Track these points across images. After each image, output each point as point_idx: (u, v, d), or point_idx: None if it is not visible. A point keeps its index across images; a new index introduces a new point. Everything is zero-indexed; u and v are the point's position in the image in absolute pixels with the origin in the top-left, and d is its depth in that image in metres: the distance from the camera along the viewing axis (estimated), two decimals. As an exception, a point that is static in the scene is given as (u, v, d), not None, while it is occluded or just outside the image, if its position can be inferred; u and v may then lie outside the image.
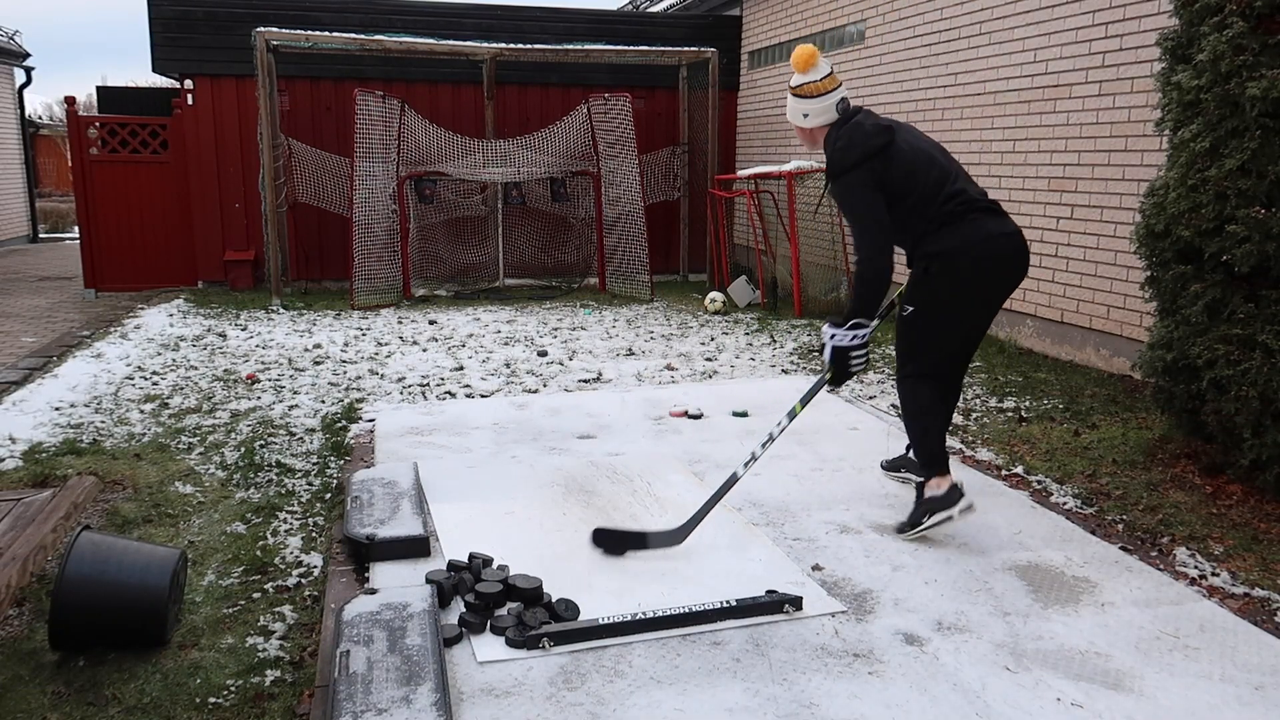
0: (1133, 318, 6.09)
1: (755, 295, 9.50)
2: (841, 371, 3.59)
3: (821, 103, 3.68)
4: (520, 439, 4.95)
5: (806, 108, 3.71)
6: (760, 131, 11.48)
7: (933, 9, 8.03)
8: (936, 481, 3.63)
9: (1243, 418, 3.89)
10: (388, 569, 3.38)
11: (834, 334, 3.57)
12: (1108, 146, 6.25)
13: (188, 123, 10.42)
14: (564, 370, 6.61)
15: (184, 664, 2.86)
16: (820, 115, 3.68)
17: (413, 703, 2.46)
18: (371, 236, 9.44)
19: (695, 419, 5.33)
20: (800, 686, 2.67)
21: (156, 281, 10.63)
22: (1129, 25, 6.04)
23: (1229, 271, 3.97)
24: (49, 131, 23.43)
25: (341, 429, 5.19)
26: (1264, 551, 3.56)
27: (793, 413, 3.72)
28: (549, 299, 9.89)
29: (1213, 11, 4.01)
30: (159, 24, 10.19)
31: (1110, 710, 2.57)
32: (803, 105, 3.72)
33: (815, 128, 3.72)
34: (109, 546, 2.98)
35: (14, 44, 15.88)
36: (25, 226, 17.06)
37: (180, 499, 4.18)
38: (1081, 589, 3.27)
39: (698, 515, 3.55)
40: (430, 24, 10.73)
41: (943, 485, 3.61)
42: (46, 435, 5.03)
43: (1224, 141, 3.93)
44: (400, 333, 8.01)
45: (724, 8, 12.43)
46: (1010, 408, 5.54)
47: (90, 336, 7.75)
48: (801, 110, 3.73)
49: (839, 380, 3.65)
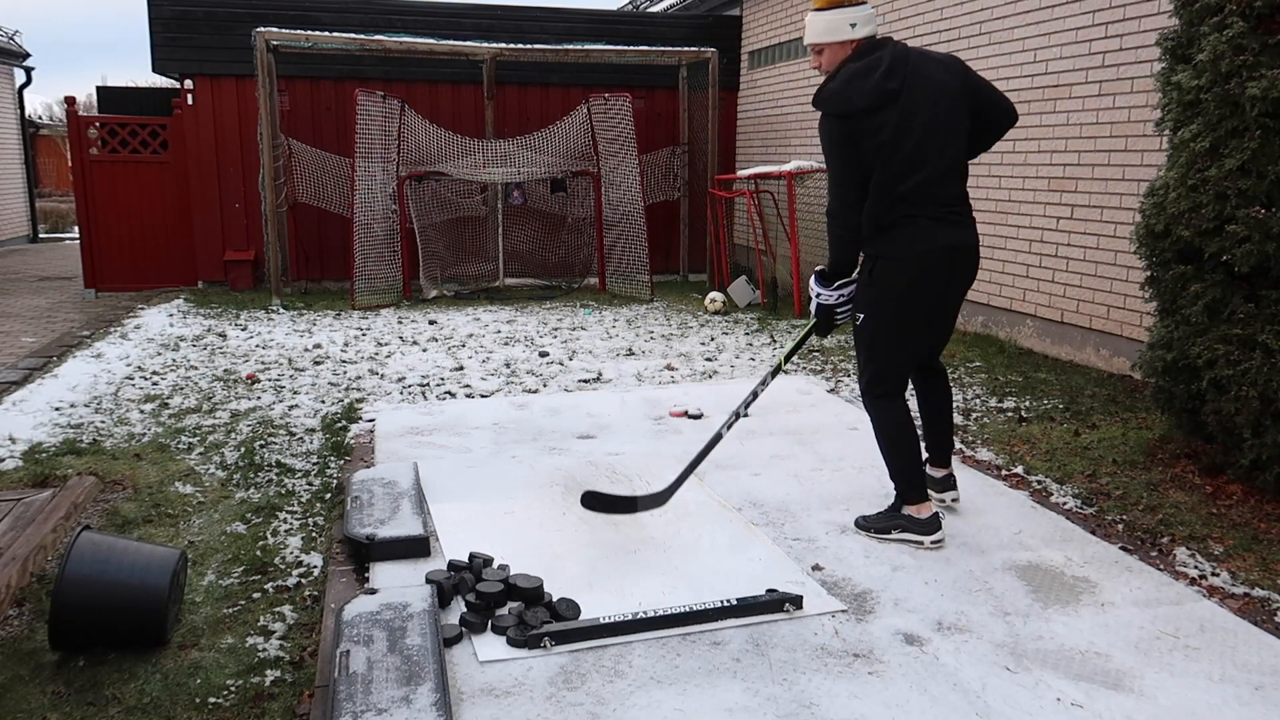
0: (1133, 318, 6.09)
1: (755, 295, 9.51)
2: (828, 325, 3.66)
3: (864, 12, 3.39)
4: (520, 439, 4.95)
5: (854, 15, 3.38)
6: (760, 131, 11.48)
7: (933, 9, 8.03)
8: (916, 507, 3.59)
9: (1243, 418, 3.89)
10: (388, 569, 3.38)
11: (820, 293, 3.59)
12: (1108, 146, 6.25)
13: (188, 123, 10.41)
14: (564, 370, 6.61)
15: (184, 664, 2.86)
16: (865, 26, 3.39)
17: (413, 703, 2.46)
18: (371, 236, 9.44)
19: (695, 419, 5.33)
20: (800, 686, 2.67)
21: (156, 281, 10.63)
22: (1129, 25, 6.04)
23: (1229, 271, 3.97)
24: (49, 131, 23.43)
25: (341, 429, 5.19)
26: (1264, 551, 3.56)
27: (777, 368, 3.81)
28: (549, 299, 9.89)
29: (1213, 11, 4.01)
30: (159, 24, 10.19)
31: (1110, 710, 2.57)
32: (848, 14, 3.37)
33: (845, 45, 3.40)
34: (109, 546, 2.98)
35: (14, 44, 15.88)
36: (25, 226, 17.07)
37: (180, 499, 4.18)
38: (1081, 589, 3.27)
39: (683, 474, 3.71)
40: (430, 24, 10.74)
41: (924, 510, 3.59)
42: (46, 435, 5.04)
43: (1224, 141, 3.93)
44: (400, 333, 8.01)
45: (724, 8, 12.43)
46: (1010, 408, 5.54)
47: (90, 336, 7.75)
48: (848, 20, 3.38)
49: (824, 333, 3.73)
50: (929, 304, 3.51)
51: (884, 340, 3.53)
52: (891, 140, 3.32)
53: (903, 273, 3.42)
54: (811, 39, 3.49)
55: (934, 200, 3.40)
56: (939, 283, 3.48)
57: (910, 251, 3.39)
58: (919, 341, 3.61)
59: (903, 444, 3.59)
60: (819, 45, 3.49)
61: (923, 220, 3.38)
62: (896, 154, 3.33)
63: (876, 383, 3.59)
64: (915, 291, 3.45)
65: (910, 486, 3.60)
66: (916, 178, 3.35)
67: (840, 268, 3.55)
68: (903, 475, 3.61)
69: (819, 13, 3.45)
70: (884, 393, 3.59)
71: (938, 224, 3.40)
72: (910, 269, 3.42)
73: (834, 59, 3.47)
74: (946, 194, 3.43)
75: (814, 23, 3.47)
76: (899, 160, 3.34)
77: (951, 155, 3.43)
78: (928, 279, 3.45)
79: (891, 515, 3.67)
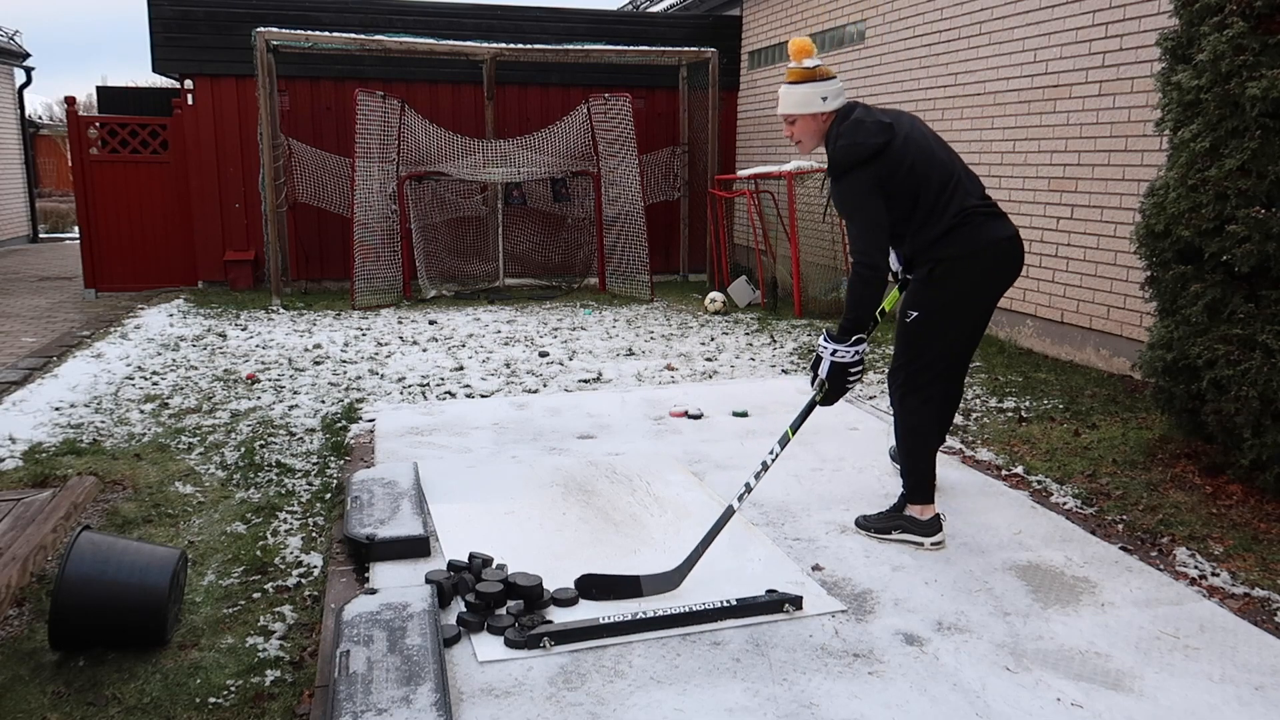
0: (1133, 318, 6.09)
1: (755, 295, 9.51)
2: (838, 389, 3.49)
3: (835, 86, 3.53)
4: (520, 439, 4.95)
5: (825, 90, 3.52)
6: (760, 131, 11.48)
7: (933, 9, 8.03)
8: (921, 508, 3.63)
9: (1243, 418, 3.89)
10: (388, 569, 3.38)
11: (835, 349, 3.41)
12: (1108, 146, 6.25)
13: (188, 123, 10.41)
14: (564, 370, 6.61)
15: (184, 664, 2.86)
16: (836, 99, 3.53)
17: (413, 703, 2.46)
18: (371, 236, 9.44)
19: (695, 419, 5.33)
20: (800, 686, 2.67)
21: (156, 281, 10.63)
22: (1129, 25, 6.04)
23: (1229, 271, 3.97)
24: (49, 131, 23.42)
25: (341, 429, 5.19)
26: (1264, 551, 3.56)
27: (785, 439, 3.58)
28: (549, 299, 9.89)
29: (1213, 11, 4.01)
30: (159, 24, 10.19)
31: (1110, 710, 2.57)
32: (820, 88, 3.52)
33: (817, 117, 3.54)
34: (109, 546, 2.98)
35: (14, 44, 15.88)
36: (25, 226, 17.06)
37: (180, 499, 4.18)
38: (1081, 589, 3.27)
39: (694, 555, 3.30)
40: (430, 24, 10.73)
41: (927, 512, 3.62)
42: (46, 435, 5.04)
43: (1224, 141, 3.93)
44: (400, 333, 8.01)
45: (724, 8, 12.43)
46: (1010, 408, 5.54)
47: (90, 336, 7.75)
48: (820, 94, 3.52)
49: (833, 399, 3.52)
50: (987, 298, 3.59)
51: (933, 337, 3.55)
52: (912, 158, 3.44)
53: (974, 266, 3.47)
54: (785, 110, 3.60)
55: (976, 197, 3.52)
56: (1005, 273, 3.57)
57: (978, 245, 3.45)
58: (964, 340, 3.67)
59: (926, 446, 3.63)
60: (791, 116, 3.61)
61: (978, 217, 3.48)
62: (929, 169, 3.45)
63: (913, 381, 3.60)
64: (983, 284, 3.53)
65: (920, 488, 3.62)
66: (954, 181, 3.47)
67: (860, 324, 3.43)
68: (916, 476, 3.62)
69: (793, 86, 3.56)
70: (918, 391, 3.60)
71: (990, 218, 3.51)
72: (984, 260, 3.48)
73: (805, 130, 3.61)
74: (978, 190, 3.56)
75: (788, 95, 3.58)
76: (934, 173, 3.45)
77: (957, 158, 3.59)
78: (997, 269, 3.53)
79: (893, 515, 3.68)
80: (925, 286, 3.53)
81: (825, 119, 3.57)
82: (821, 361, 3.46)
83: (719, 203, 10.11)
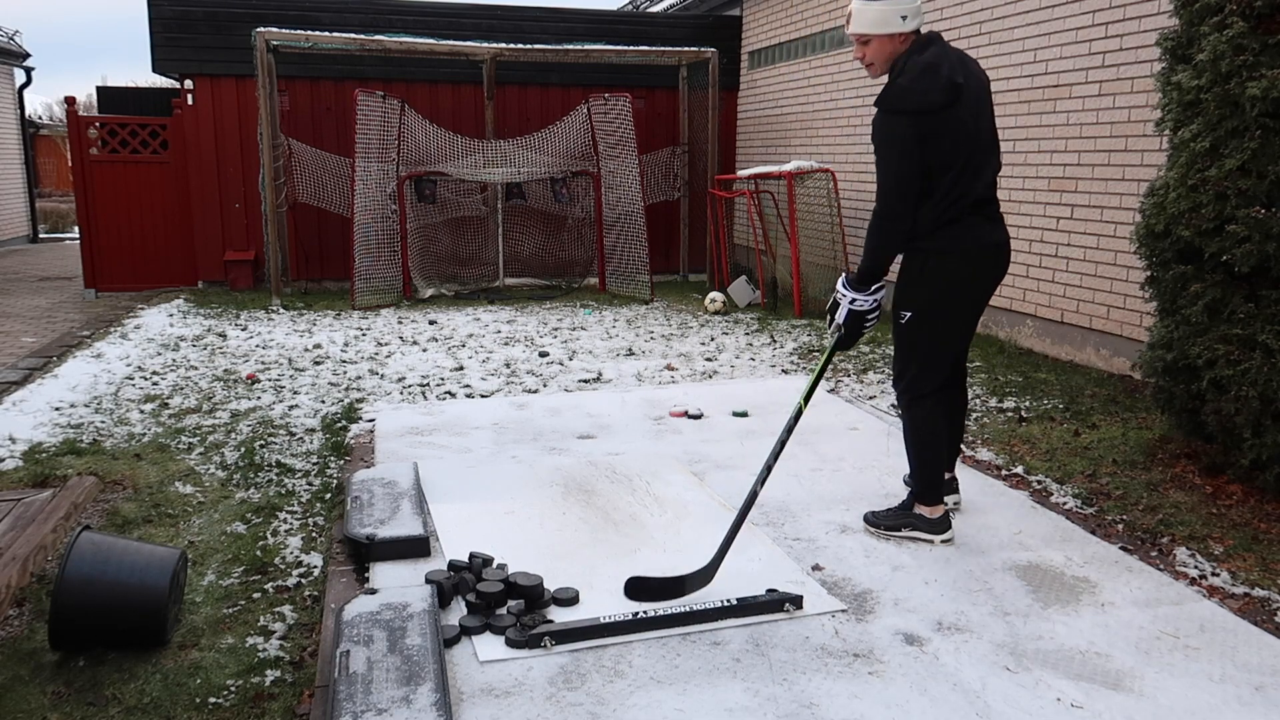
0: (1133, 318, 6.09)
1: (755, 295, 9.51)
2: (854, 334, 3.47)
3: (915, 3, 3.28)
4: (520, 439, 4.95)
5: (905, 7, 3.26)
6: (760, 131, 11.48)
7: (933, 9, 8.03)
8: (930, 508, 3.63)
9: (1243, 418, 3.89)
10: (388, 569, 3.38)
11: (854, 297, 3.38)
12: (1108, 146, 6.25)
13: (188, 123, 10.41)
14: (564, 370, 6.61)
15: (184, 664, 2.86)
16: (915, 18, 3.29)
17: (413, 703, 2.46)
18: (371, 236, 9.44)
19: (695, 419, 5.33)
20: (800, 686, 2.67)
21: (156, 281, 10.63)
22: (1129, 25, 6.04)
23: (1229, 271, 3.97)
24: (49, 131, 23.44)
25: (341, 429, 5.19)
26: (1264, 551, 3.56)
27: (799, 410, 3.54)
28: (549, 299, 9.89)
29: (1213, 11, 4.01)
30: (159, 24, 10.19)
31: (1110, 710, 2.57)
32: (899, 6, 3.26)
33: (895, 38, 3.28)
34: (109, 546, 2.98)
35: (14, 44, 15.88)
36: (25, 226, 17.06)
37: (180, 499, 4.18)
38: (1081, 589, 3.27)
39: (724, 545, 3.28)
40: (430, 24, 10.73)
41: (936, 511, 3.62)
42: (46, 435, 5.04)
43: (1224, 141, 3.93)
44: (400, 333, 8.01)
45: (724, 8, 12.43)
46: (1010, 408, 5.54)
47: (90, 336, 7.75)
48: (899, 11, 3.26)
49: (849, 344, 3.52)
50: (977, 298, 3.53)
51: (930, 338, 3.51)
52: (964, 136, 3.29)
53: (963, 265, 3.42)
54: (859, 29, 3.35)
55: (987, 197, 3.44)
56: (990, 276, 3.51)
57: (969, 245, 3.39)
58: (960, 339, 3.63)
59: (933, 446, 3.60)
60: (865, 36, 3.36)
61: (977, 216, 3.40)
62: (963, 151, 3.29)
63: (917, 383, 3.56)
64: (970, 284, 3.47)
65: (929, 488, 3.61)
66: (979, 174, 3.36)
67: (878, 272, 3.40)
68: (925, 477, 3.61)
69: (868, 2, 3.32)
70: (924, 393, 3.57)
71: (988, 221, 3.45)
72: (972, 260, 3.42)
73: (880, 52, 3.38)
74: (992, 192, 3.48)
75: (862, 12, 3.33)
76: (965, 157, 3.30)
77: (995, 154, 3.47)
78: (982, 272, 3.48)
79: (903, 513, 3.68)
80: (918, 284, 3.49)
81: (903, 40, 3.33)
82: (840, 307, 3.44)
83: (719, 203, 10.11)
